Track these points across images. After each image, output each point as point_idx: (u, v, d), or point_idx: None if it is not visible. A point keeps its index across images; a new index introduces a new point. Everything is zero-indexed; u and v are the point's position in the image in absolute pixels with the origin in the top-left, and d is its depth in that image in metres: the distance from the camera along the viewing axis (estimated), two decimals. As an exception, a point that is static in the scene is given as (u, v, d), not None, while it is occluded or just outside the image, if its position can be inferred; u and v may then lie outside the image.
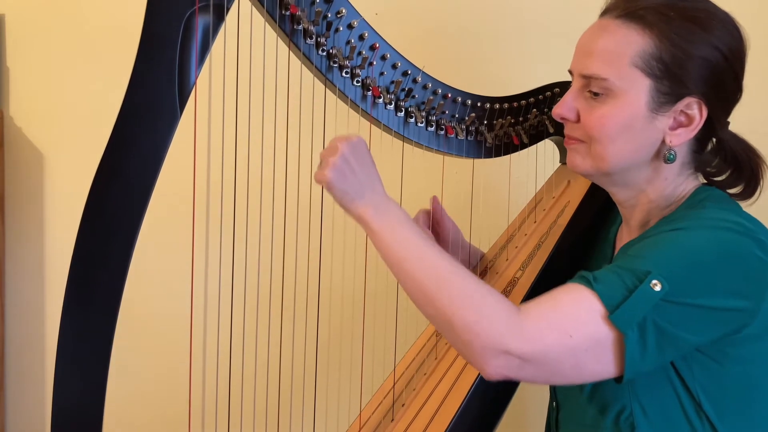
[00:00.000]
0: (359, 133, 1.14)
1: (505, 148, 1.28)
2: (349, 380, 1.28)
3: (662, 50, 0.99)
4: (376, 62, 1.11)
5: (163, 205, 1.15)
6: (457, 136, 1.22)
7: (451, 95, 1.20)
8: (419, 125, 1.18)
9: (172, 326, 1.76)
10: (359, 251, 1.11)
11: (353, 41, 1.09)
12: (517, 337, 0.90)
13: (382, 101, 1.14)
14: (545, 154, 1.36)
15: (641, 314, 0.89)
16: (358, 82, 1.11)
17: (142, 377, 1.87)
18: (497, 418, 1.13)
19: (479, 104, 1.23)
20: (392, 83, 1.14)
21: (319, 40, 1.06)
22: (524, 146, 1.30)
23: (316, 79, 1.10)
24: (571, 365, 0.91)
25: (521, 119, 1.28)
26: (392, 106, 1.15)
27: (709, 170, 1.10)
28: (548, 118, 1.30)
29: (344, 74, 1.09)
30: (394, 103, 1.15)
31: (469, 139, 1.24)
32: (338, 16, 1.06)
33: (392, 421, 1.19)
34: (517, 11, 1.72)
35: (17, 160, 1.91)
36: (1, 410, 1.95)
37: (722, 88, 1.02)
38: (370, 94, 1.12)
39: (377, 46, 1.11)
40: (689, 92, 1.00)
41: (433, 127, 1.20)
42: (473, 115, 1.23)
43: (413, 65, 1.15)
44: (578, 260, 1.25)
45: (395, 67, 1.13)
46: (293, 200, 1.12)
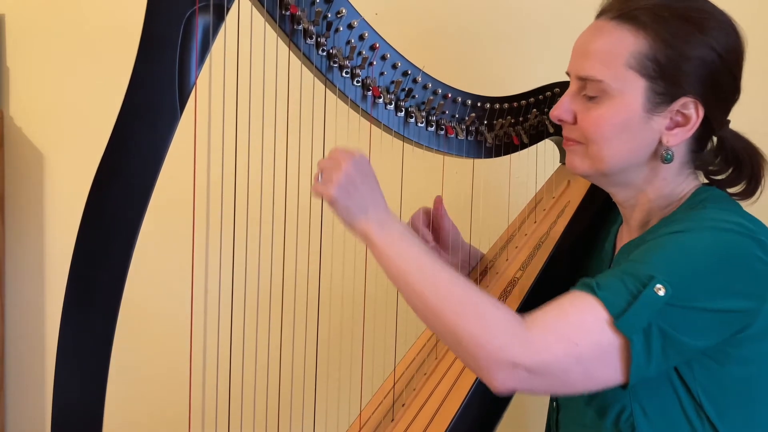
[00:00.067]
0: (359, 132, 1.14)
1: (505, 148, 1.28)
2: (349, 380, 1.28)
3: (656, 50, 0.99)
4: (376, 62, 1.11)
5: (163, 205, 1.15)
6: (457, 136, 1.22)
7: (451, 95, 1.20)
8: (419, 125, 1.18)
9: (172, 326, 1.76)
10: (360, 251, 1.11)
11: (353, 41, 1.09)
12: (523, 348, 0.89)
13: (382, 101, 1.14)
14: (545, 154, 1.36)
15: (646, 319, 0.89)
16: (358, 82, 1.11)
17: (142, 377, 1.87)
18: (497, 418, 1.13)
19: (479, 104, 1.23)
20: (392, 83, 1.14)
21: (319, 40, 1.06)
22: (524, 146, 1.30)
23: (316, 79, 1.10)
24: (579, 374, 0.90)
25: (521, 119, 1.28)
26: (392, 106, 1.15)
27: (710, 169, 1.10)
28: (548, 118, 1.29)
29: (344, 74, 1.09)
30: (394, 103, 1.15)
31: (469, 139, 1.24)
32: (338, 16, 1.06)
33: (392, 421, 1.19)
34: (517, 11, 1.72)
35: (17, 160, 1.91)
36: (1, 410, 1.95)
37: (719, 87, 1.01)
38: (370, 94, 1.12)
39: (377, 46, 1.11)
40: (685, 92, 1.00)
41: (433, 127, 1.20)
42: (473, 115, 1.23)
43: (413, 65, 1.15)
44: (578, 260, 1.25)
45: (395, 67, 1.13)
46: (293, 200, 1.12)
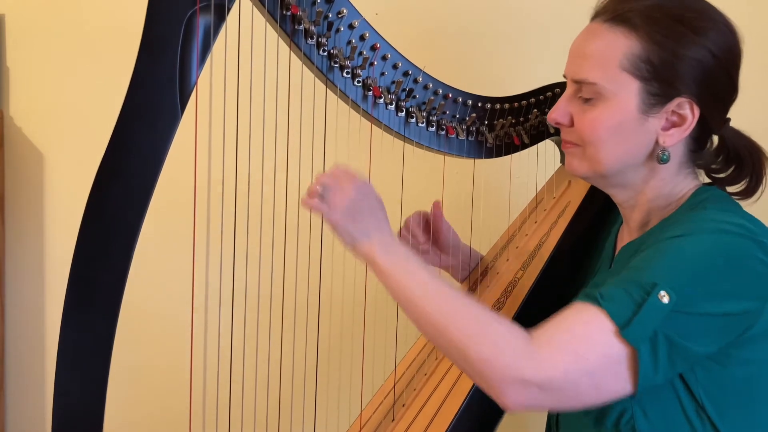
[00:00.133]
0: (360, 132, 1.14)
1: (505, 148, 1.28)
2: (349, 380, 1.28)
3: (649, 52, 0.99)
4: (377, 62, 1.11)
5: (163, 205, 1.15)
6: (457, 136, 1.22)
7: (451, 95, 1.20)
8: (420, 125, 1.18)
9: (172, 327, 1.76)
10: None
11: (354, 41, 1.09)
12: (532, 364, 0.89)
13: (383, 101, 1.14)
14: (546, 154, 1.36)
15: (652, 328, 0.89)
16: (359, 82, 1.11)
17: (142, 378, 1.87)
18: (498, 418, 1.13)
19: (480, 104, 1.23)
20: (393, 83, 1.14)
21: (320, 40, 1.06)
22: (525, 146, 1.30)
23: (316, 79, 1.10)
24: (589, 387, 0.90)
25: (522, 119, 1.28)
26: (393, 106, 1.15)
27: (712, 167, 1.10)
28: (549, 118, 1.30)
29: (345, 74, 1.09)
30: (395, 103, 1.15)
31: (469, 139, 1.24)
32: (339, 16, 1.06)
33: (393, 421, 1.19)
34: (517, 11, 1.72)
35: (17, 160, 1.91)
36: (1, 410, 1.95)
37: (714, 87, 1.01)
38: (371, 94, 1.12)
39: (378, 46, 1.11)
40: (680, 93, 1.00)
41: (433, 127, 1.20)
42: (474, 115, 1.23)
43: (414, 65, 1.15)
44: (579, 261, 1.25)
45: (396, 67, 1.13)
46: (294, 200, 1.12)
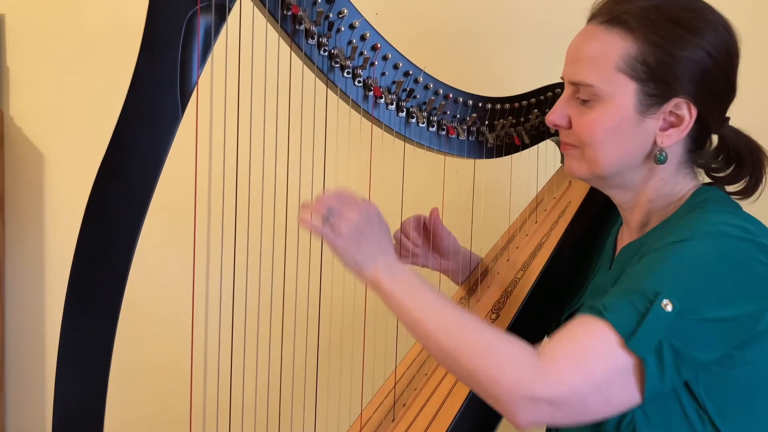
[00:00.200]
0: (360, 133, 1.14)
1: (506, 148, 1.28)
2: (350, 380, 1.28)
3: (646, 53, 0.99)
4: (377, 62, 1.11)
5: (164, 206, 1.15)
6: (458, 136, 1.22)
7: (452, 96, 1.20)
8: (421, 125, 1.18)
9: (173, 327, 1.76)
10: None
11: (355, 41, 1.09)
12: (541, 381, 0.89)
13: (383, 101, 1.13)
14: (546, 154, 1.36)
15: (657, 338, 0.89)
16: (359, 82, 1.10)
17: (143, 378, 1.87)
18: (498, 418, 1.13)
19: (480, 105, 1.23)
20: (394, 83, 1.14)
21: (320, 40, 1.06)
22: (525, 146, 1.30)
23: (317, 79, 1.10)
24: (598, 400, 0.90)
25: (522, 119, 1.28)
26: (394, 106, 1.15)
27: (712, 166, 1.10)
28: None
29: (346, 74, 1.09)
30: (395, 103, 1.15)
31: (470, 139, 1.24)
32: (340, 16, 1.06)
33: (393, 421, 1.19)
34: (517, 11, 1.72)
35: (17, 160, 1.91)
36: (1, 410, 1.95)
37: (712, 87, 1.01)
38: (371, 94, 1.12)
39: (379, 46, 1.11)
40: (676, 93, 1.00)
41: (434, 127, 1.20)
42: (474, 115, 1.23)
43: (415, 65, 1.15)
44: (579, 261, 1.25)
45: (397, 67, 1.13)
46: (295, 201, 1.12)
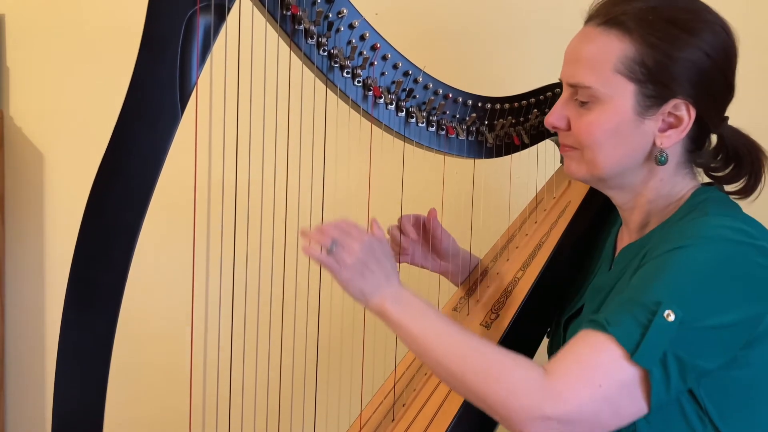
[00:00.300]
0: (360, 132, 1.14)
1: (506, 148, 1.28)
2: (349, 380, 1.28)
3: (644, 55, 0.99)
4: (377, 62, 1.11)
5: (164, 206, 1.15)
6: (457, 136, 1.22)
7: (452, 95, 1.20)
8: (420, 125, 1.18)
9: (172, 327, 1.76)
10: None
11: (354, 41, 1.09)
12: (550, 401, 0.90)
13: (383, 101, 1.13)
14: (546, 154, 1.36)
15: (661, 349, 0.89)
16: (359, 82, 1.10)
17: (142, 377, 1.87)
18: (498, 418, 1.13)
19: (480, 104, 1.23)
20: (393, 83, 1.14)
21: (320, 40, 1.06)
22: (525, 146, 1.30)
23: (317, 79, 1.10)
24: (608, 414, 0.91)
25: (522, 119, 1.28)
26: (393, 106, 1.15)
27: (711, 166, 1.10)
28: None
29: (345, 74, 1.09)
30: (395, 103, 1.15)
31: (469, 139, 1.24)
32: (339, 16, 1.06)
33: (393, 421, 1.19)
34: (517, 11, 1.72)
35: (17, 160, 1.91)
36: (1, 410, 1.95)
37: (710, 87, 1.01)
38: (371, 94, 1.12)
39: (378, 46, 1.11)
40: (675, 94, 1.00)
41: (434, 127, 1.20)
42: (474, 115, 1.23)
43: (414, 65, 1.15)
44: (579, 261, 1.25)
45: (396, 67, 1.13)
46: (294, 200, 1.12)
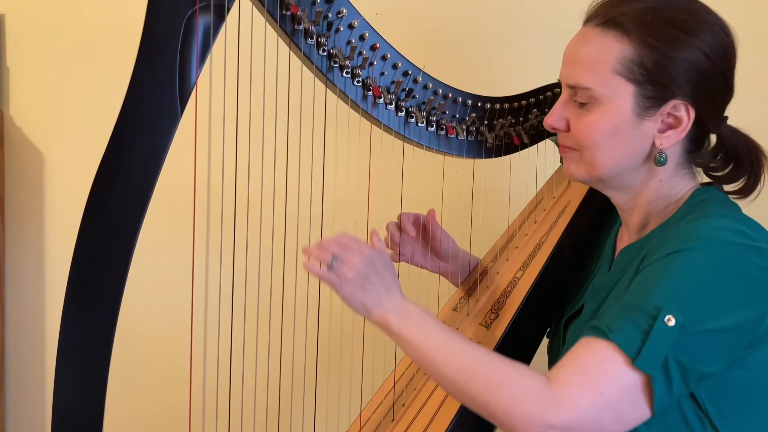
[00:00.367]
0: (360, 132, 1.14)
1: (505, 148, 1.28)
2: (349, 380, 1.28)
3: (643, 55, 0.99)
4: (376, 62, 1.11)
5: (163, 205, 1.15)
6: (457, 136, 1.22)
7: (451, 95, 1.20)
8: (420, 125, 1.18)
9: (172, 326, 1.76)
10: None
11: (354, 41, 1.09)
12: (553, 409, 0.90)
13: (382, 101, 1.14)
14: (546, 154, 1.36)
15: (663, 354, 0.89)
16: (358, 82, 1.11)
17: (142, 377, 1.87)
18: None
19: (480, 104, 1.23)
20: (393, 83, 1.14)
21: (319, 40, 1.06)
22: (525, 146, 1.30)
23: (316, 79, 1.10)
24: (611, 420, 0.91)
25: (522, 119, 1.28)
26: (393, 106, 1.15)
27: (711, 166, 1.10)
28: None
29: (345, 74, 1.09)
30: (394, 103, 1.15)
31: (469, 139, 1.24)
32: (339, 16, 1.06)
33: (392, 421, 1.19)
34: (517, 11, 1.72)
35: (17, 160, 1.91)
36: (1, 410, 1.95)
37: (709, 88, 1.01)
38: (370, 94, 1.12)
39: (378, 46, 1.11)
40: (674, 95, 1.00)
41: (433, 127, 1.20)
42: (474, 115, 1.23)
43: (414, 65, 1.15)
44: (579, 261, 1.25)
45: (396, 67, 1.13)
46: (294, 200, 1.12)
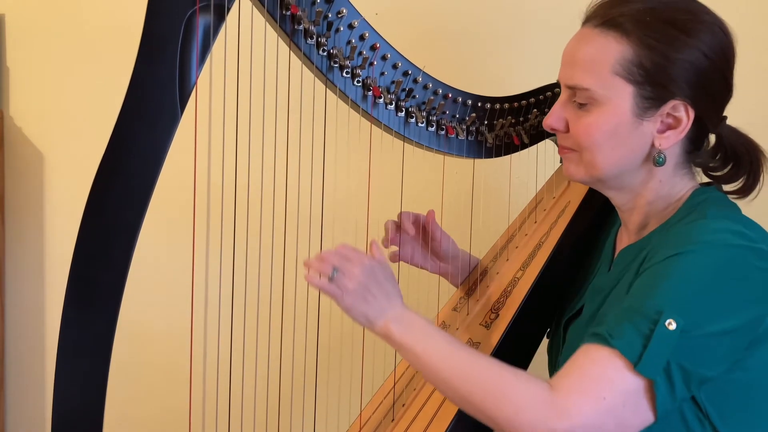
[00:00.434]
0: (360, 132, 1.14)
1: (505, 148, 1.28)
2: (349, 380, 1.28)
3: (642, 56, 0.99)
4: (376, 62, 1.11)
5: (163, 205, 1.15)
6: (457, 136, 1.22)
7: (451, 95, 1.20)
8: (420, 125, 1.18)
9: (172, 326, 1.76)
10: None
11: (354, 41, 1.09)
12: (557, 417, 0.91)
13: (382, 101, 1.14)
14: (546, 154, 1.36)
15: (664, 358, 0.90)
16: (358, 82, 1.11)
17: (142, 377, 1.87)
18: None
19: (480, 104, 1.23)
20: (393, 83, 1.14)
21: (319, 40, 1.06)
22: (525, 146, 1.30)
23: (316, 79, 1.10)
24: (614, 425, 0.91)
25: (522, 119, 1.28)
26: (393, 106, 1.15)
27: (710, 165, 1.10)
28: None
29: (345, 74, 1.09)
30: (394, 103, 1.15)
31: (469, 139, 1.24)
32: (339, 16, 1.06)
33: (392, 421, 1.19)
34: (517, 11, 1.72)
35: (17, 160, 1.91)
36: (1, 410, 1.95)
37: (709, 88, 1.01)
38: (370, 94, 1.12)
39: (378, 46, 1.11)
40: (674, 95, 1.00)
41: (433, 127, 1.20)
42: (474, 115, 1.23)
43: (414, 65, 1.15)
44: (579, 260, 1.25)
45: (396, 67, 1.13)
46: (294, 200, 1.12)
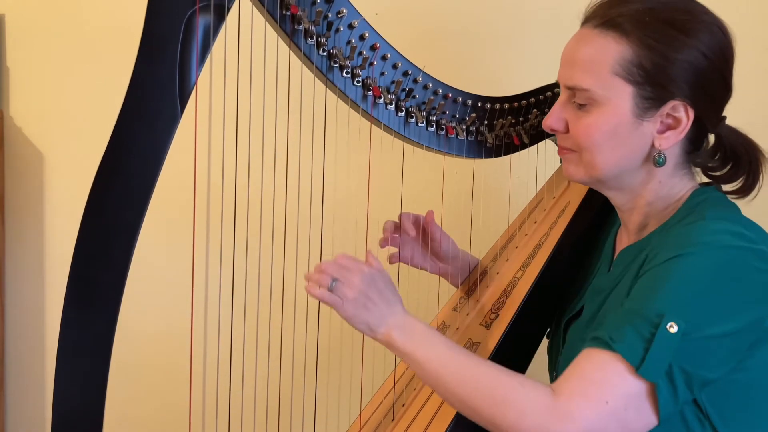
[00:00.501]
0: (360, 132, 1.14)
1: (505, 148, 1.28)
2: (349, 380, 1.28)
3: (641, 57, 0.99)
4: (376, 62, 1.11)
5: (163, 205, 1.15)
6: (457, 136, 1.22)
7: (451, 95, 1.20)
8: (420, 125, 1.18)
9: (172, 326, 1.76)
10: (360, 250, 1.11)
11: (354, 41, 1.09)
12: (560, 421, 0.91)
13: (382, 101, 1.14)
14: (546, 154, 1.36)
15: (666, 361, 0.90)
16: (358, 82, 1.11)
17: (142, 376, 1.87)
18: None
19: (480, 104, 1.23)
20: (393, 83, 1.14)
21: (319, 40, 1.06)
22: (525, 146, 1.30)
23: (316, 79, 1.10)
24: (617, 429, 0.92)
25: (522, 119, 1.28)
26: (393, 106, 1.15)
27: (709, 165, 1.10)
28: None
29: (345, 74, 1.09)
30: (394, 103, 1.15)
31: (469, 139, 1.24)
32: (339, 16, 1.06)
33: (392, 421, 1.19)
34: (517, 12, 1.72)
35: (17, 160, 1.91)
36: (1, 410, 1.95)
37: (708, 88, 1.01)
38: (370, 94, 1.12)
39: (378, 46, 1.11)
40: (673, 96, 1.00)
41: (433, 127, 1.20)
42: (474, 115, 1.23)
43: (414, 65, 1.15)
44: (579, 260, 1.25)
45: (396, 67, 1.13)
46: (293, 200, 1.12)
